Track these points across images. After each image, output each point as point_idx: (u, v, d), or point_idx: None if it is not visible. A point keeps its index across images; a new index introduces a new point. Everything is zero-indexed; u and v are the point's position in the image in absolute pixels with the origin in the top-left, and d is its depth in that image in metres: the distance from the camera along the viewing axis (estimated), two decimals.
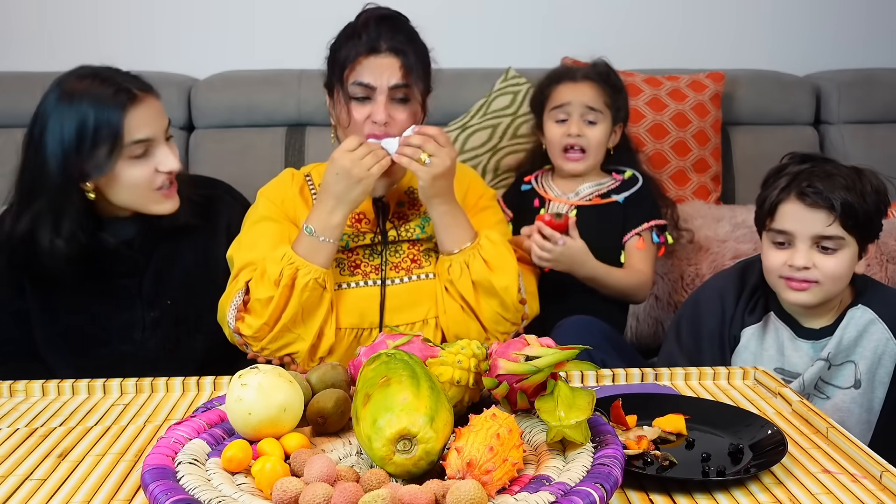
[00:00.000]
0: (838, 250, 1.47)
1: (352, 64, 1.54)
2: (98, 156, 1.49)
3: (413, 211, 1.68)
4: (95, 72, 1.55)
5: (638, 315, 2.09)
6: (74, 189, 1.52)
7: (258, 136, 2.43)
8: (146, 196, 1.56)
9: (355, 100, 1.56)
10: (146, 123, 1.53)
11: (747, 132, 2.52)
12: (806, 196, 1.46)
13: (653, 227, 1.91)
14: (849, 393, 1.51)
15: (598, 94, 1.90)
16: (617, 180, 1.95)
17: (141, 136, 1.52)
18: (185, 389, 1.31)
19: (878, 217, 1.50)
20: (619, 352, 1.67)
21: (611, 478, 0.85)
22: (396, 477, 0.89)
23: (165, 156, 1.55)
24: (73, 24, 2.60)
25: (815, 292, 1.49)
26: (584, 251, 1.77)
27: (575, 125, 1.88)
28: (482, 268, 1.54)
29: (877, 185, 1.48)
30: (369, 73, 1.54)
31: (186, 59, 2.59)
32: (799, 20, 2.74)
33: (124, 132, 1.50)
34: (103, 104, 1.49)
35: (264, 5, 2.62)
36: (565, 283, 1.85)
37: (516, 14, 2.66)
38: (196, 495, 0.83)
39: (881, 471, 1.00)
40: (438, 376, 0.99)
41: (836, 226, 1.45)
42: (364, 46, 1.54)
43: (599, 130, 1.90)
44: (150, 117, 1.54)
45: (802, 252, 1.48)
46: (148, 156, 1.54)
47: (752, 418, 1.13)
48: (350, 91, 1.55)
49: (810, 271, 1.48)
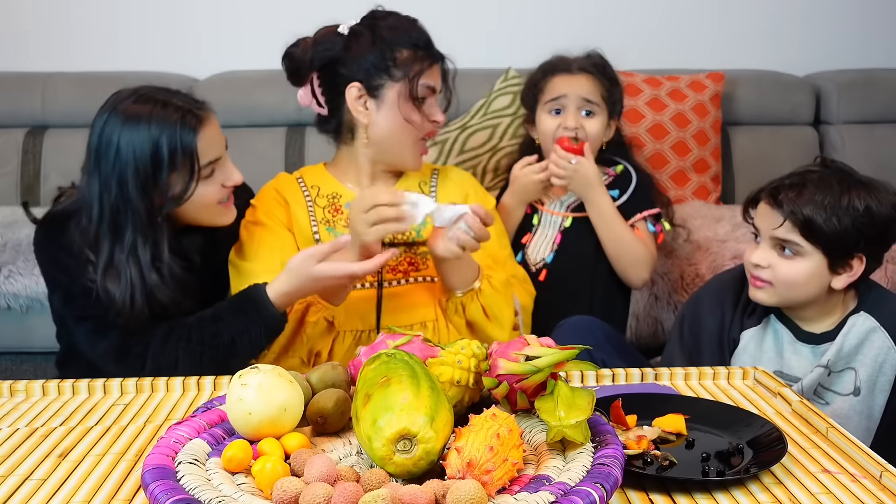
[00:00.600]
0: (797, 257, 1.48)
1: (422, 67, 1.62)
2: (176, 183, 1.46)
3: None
4: (152, 94, 1.49)
5: (638, 315, 2.09)
6: (158, 214, 1.48)
7: (258, 136, 2.43)
8: (212, 210, 1.54)
9: (420, 101, 1.63)
10: (214, 143, 1.50)
11: (747, 132, 2.52)
12: (772, 197, 1.49)
13: (646, 217, 1.88)
14: (848, 400, 1.51)
15: (594, 87, 1.87)
16: (610, 175, 1.93)
17: (212, 157, 1.49)
18: (185, 389, 1.31)
19: (858, 237, 1.45)
20: (620, 352, 1.66)
21: (611, 478, 0.85)
22: (396, 477, 0.89)
23: (231, 171, 1.55)
24: (72, 24, 2.61)
25: (770, 293, 1.52)
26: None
27: (572, 118, 1.85)
28: (479, 314, 1.58)
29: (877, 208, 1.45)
30: (432, 76, 1.65)
31: (186, 59, 2.60)
32: (799, 20, 2.74)
33: (199, 156, 1.46)
34: (173, 129, 1.44)
35: (264, 5, 2.62)
36: (566, 283, 1.85)
37: (516, 14, 2.67)
38: (196, 495, 0.83)
39: (881, 471, 1.00)
40: (438, 376, 0.99)
41: (794, 233, 1.46)
42: (429, 55, 1.64)
43: (597, 123, 1.87)
44: (216, 137, 1.51)
45: (762, 250, 1.51)
46: (215, 173, 1.51)
47: (752, 418, 1.13)
48: (420, 92, 1.62)
49: (765, 270, 1.50)
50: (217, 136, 1.52)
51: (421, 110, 1.63)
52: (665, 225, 1.92)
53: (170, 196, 1.46)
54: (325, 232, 1.64)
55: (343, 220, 1.65)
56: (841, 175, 1.49)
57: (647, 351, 2.02)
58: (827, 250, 1.47)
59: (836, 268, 1.48)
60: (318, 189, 1.69)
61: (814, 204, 1.45)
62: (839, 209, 1.44)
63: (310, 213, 1.65)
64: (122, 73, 2.46)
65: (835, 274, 1.49)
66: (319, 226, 1.65)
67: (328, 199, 1.67)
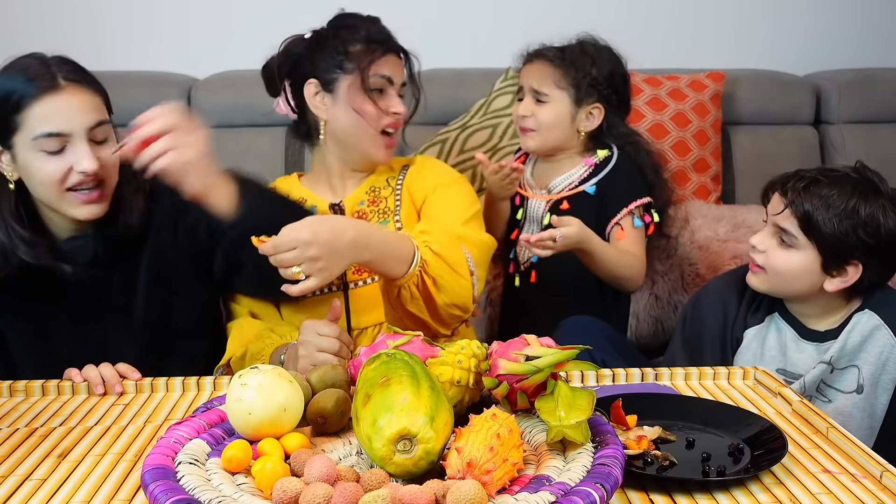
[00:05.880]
0: (792, 248, 1.49)
1: (372, 57, 1.62)
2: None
3: (372, 208, 1.68)
4: (38, 55, 1.43)
5: (638, 315, 2.09)
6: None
7: (258, 136, 2.43)
8: (60, 196, 1.42)
9: (375, 92, 1.63)
10: (59, 115, 1.38)
11: (747, 132, 2.52)
12: (782, 185, 1.51)
13: (632, 212, 1.84)
14: (851, 398, 1.51)
15: (546, 75, 1.83)
16: (589, 166, 1.88)
17: (54, 129, 1.38)
18: (185, 389, 1.31)
19: (857, 243, 1.45)
20: (621, 351, 1.66)
21: (611, 478, 0.85)
22: (396, 477, 0.89)
23: (83, 156, 1.39)
24: (72, 24, 2.60)
25: (763, 279, 1.54)
26: (578, 231, 1.69)
27: (523, 106, 1.87)
28: (431, 288, 1.46)
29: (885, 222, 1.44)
30: (388, 66, 1.65)
31: (186, 59, 2.59)
32: (799, 20, 2.74)
33: (30, 119, 1.38)
34: (15, 80, 1.38)
35: (264, 5, 2.62)
36: (554, 282, 1.85)
37: (516, 14, 2.67)
38: (196, 495, 0.83)
39: (881, 471, 1.00)
40: (438, 376, 0.99)
41: (792, 223, 1.48)
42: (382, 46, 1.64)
43: (547, 110, 1.84)
44: (69, 110, 1.39)
45: (763, 234, 1.54)
46: (65, 152, 1.40)
47: (753, 418, 1.13)
48: (372, 83, 1.63)
49: (760, 255, 1.53)
50: (74, 111, 1.39)
51: (376, 102, 1.64)
52: (654, 216, 1.87)
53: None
54: None
55: None
56: (863, 182, 1.48)
57: (648, 351, 2.02)
58: (822, 249, 1.47)
59: (830, 269, 1.48)
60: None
61: (818, 199, 1.45)
62: (841, 211, 1.44)
63: None
64: (122, 72, 2.46)
65: (828, 275, 1.49)
66: None
67: None
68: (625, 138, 1.90)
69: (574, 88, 1.84)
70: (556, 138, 1.86)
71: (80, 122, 1.40)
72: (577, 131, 1.87)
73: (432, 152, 2.27)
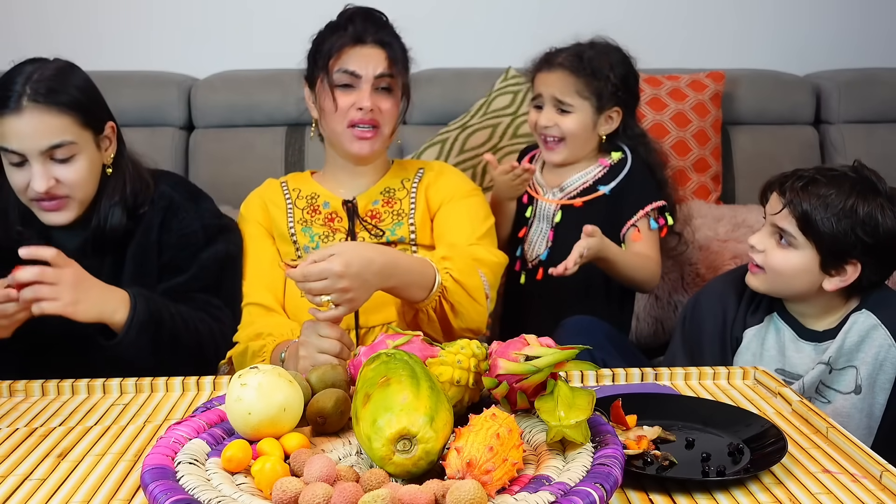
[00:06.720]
0: (790, 247, 1.49)
1: (338, 53, 1.63)
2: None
3: (387, 209, 1.69)
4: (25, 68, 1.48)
5: (638, 315, 2.09)
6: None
7: (258, 136, 2.43)
8: (28, 202, 1.52)
9: (340, 88, 1.64)
10: (16, 136, 1.45)
11: (747, 132, 2.52)
12: (780, 185, 1.51)
13: (648, 214, 1.85)
14: (849, 398, 1.51)
15: (568, 84, 1.82)
16: (604, 167, 1.89)
17: (10, 146, 1.46)
18: (185, 389, 1.31)
19: (856, 242, 1.44)
20: (621, 351, 1.66)
21: (611, 478, 0.85)
22: (396, 477, 0.89)
23: (35, 175, 1.46)
24: (73, 23, 2.60)
25: (761, 279, 1.54)
26: (598, 244, 1.69)
27: (545, 116, 1.85)
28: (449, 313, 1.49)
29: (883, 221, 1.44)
30: (355, 61, 1.63)
31: (186, 59, 2.59)
32: (799, 20, 2.74)
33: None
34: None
35: (264, 5, 2.62)
36: (562, 280, 1.85)
37: (516, 14, 2.67)
38: (196, 495, 0.83)
39: (881, 471, 1.00)
40: (438, 376, 0.99)
41: (790, 223, 1.48)
42: (350, 37, 1.64)
43: (572, 120, 1.83)
44: (26, 132, 1.45)
45: (762, 233, 1.54)
46: (25, 168, 1.47)
47: (752, 418, 1.13)
48: (335, 79, 1.63)
49: (759, 255, 1.53)
50: (29, 132, 1.45)
51: (335, 98, 1.63)
52: (668, 219, 1.88)
53: None
54: (301, 233, 1.69)
55: (321, 219, 1.69)
56: (861, 181, 1.48)
57: (648, 351, 2.02)
58: (820, 248, 1.47)
59: (828, 269, 1.48)
60: (299, 191, 1.75)
61: (816, 199, 1.45)
62: (840, 211, 1.44)
63: (288, 215, 1.71)
64: (122, 72, 2.46)
65: (826, 275, 1.49)
66: (296, 226, 1.70)
67: (307, 201, 1.73)
68: (638, 139, 1.91)
69: (596, 97, 1.84)
70: (580, 147, 1.87)
71: (35, 144, 1.45)
72: (600, 136, 1.88)
73: (432, 152, 2.27)
